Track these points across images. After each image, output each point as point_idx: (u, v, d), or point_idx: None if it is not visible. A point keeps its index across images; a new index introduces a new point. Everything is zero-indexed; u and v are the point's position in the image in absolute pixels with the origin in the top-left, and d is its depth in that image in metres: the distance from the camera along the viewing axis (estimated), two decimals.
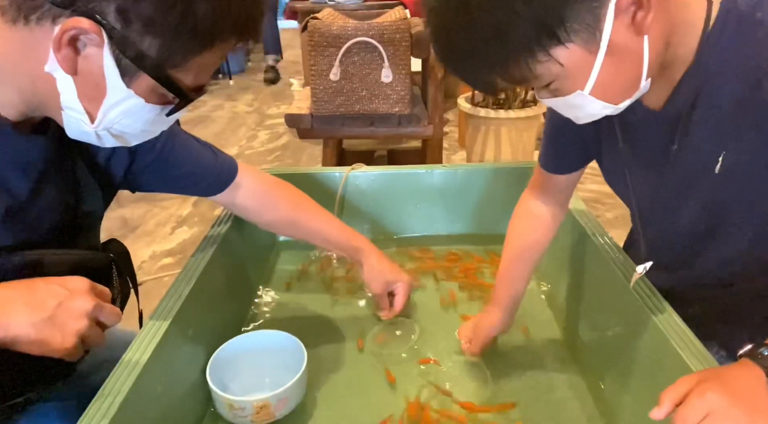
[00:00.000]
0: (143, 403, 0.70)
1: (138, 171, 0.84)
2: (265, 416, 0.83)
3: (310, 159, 3.43)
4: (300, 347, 0.90)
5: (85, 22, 0.55)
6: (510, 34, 0.55)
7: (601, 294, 0.95)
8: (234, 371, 0.90)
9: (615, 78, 0.59)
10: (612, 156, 0.81)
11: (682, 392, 0.53)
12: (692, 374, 0.55)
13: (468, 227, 1.35)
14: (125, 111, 0.62)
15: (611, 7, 0.54)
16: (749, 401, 0.51)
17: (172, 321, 0.80)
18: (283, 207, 1.04)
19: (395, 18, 1.92)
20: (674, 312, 0.77)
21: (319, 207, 1.07)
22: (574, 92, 0.60)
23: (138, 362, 0.71)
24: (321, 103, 1.93)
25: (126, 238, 2.59)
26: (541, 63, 0.57)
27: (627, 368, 0.83)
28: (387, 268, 1.06)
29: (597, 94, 0.59)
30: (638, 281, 0.83)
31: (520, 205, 1.00)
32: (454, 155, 3.36)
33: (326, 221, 1.07)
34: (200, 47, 0.60)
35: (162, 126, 0.68)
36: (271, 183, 1.03)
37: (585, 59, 0.56)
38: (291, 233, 1.12)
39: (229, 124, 4.24)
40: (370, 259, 1.06)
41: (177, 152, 0.88)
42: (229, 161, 0.98)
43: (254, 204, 1.00)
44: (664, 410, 0.53)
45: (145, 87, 0.60)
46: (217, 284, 0.99)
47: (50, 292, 0.61)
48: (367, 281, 1.07)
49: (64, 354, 0.61)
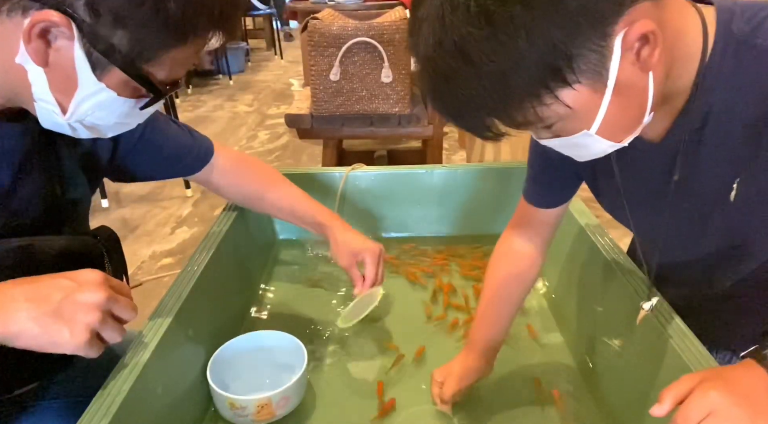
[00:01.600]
0: (143, 403, 0.70)
1: (122, 157, 0.86)
2: (266, 415, 0.83)
3: (310, 159, 3.43)
4: (300, 347, 0.90)
5: (55, 14, 0.54)
6: (515, 78, 0.51)
7: (601, 294, 0.95)
8: (234, 371, 0.90)
9: (621, 116, 0.56)
10: (608, 188, 0.78)
11: (684, 390, 0.53)
12: (695, 373, 0.55)
13: (468, 228, 1.35)
14: (97, 104, 0.61)
15: (618, 44, 0.51)
16: (752, 402, 0.51)
17: (172, 321, 0.80)
18: (251, 183, 1.06)
19: (395, 18, 1.92)
20: (674, 312, 0.77)
21: (288, 183, 1.09)
22: (579, 132, 0.57)
23: (138, 362, 0.71)
24: (321, 103, 1.92)
25: (126, 238, 2.59)
26: (547, 106, 0.53)
27: (627, 367, 0.83)
28: (351, 239, 1.03)
29: (603, 134, 0.57)
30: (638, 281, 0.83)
31: (501, 243, 0.93)
32: (454, 155, 3.36)
33: (293, 196, 1.07)
34: (173, 42, 0.59)
35: (138, 119, 0.68)
36: (240, 160, 1.05)
37: (592, 99, 0.54)
38: (260, 208, 1.12)
39: (229, 124, 4.24)
40: (335, 233, 1.04)
41: (158, 135, 0.89)
42: (206, 141, 1.00)
43: (226, 181, 1.04)
44: (665, 408, 0.53)
45: (117, 80, 0.60)
46: (218, 283, 0.99)
47: (55, 285, 0.60)
48: (334, 255, 1.04)
49: (76, 349, 0.59)
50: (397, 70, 1.86)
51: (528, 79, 0.51)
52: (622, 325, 0.85)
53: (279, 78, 5.72)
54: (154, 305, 0.83)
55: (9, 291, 0.59)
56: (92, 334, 0.60)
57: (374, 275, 1.00)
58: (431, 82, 0.55)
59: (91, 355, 0.61)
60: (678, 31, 0.58)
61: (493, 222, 1.30)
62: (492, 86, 0.52)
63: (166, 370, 0.77)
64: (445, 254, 1.29)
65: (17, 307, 0.58)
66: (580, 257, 1.04)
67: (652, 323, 0.76)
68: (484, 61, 0.50)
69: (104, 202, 2.87)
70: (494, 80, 0.51)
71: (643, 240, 0.81)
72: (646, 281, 0.80)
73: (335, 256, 1.04)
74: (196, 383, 0.87)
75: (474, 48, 0.50)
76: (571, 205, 1.03)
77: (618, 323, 0.87)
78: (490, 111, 0.55)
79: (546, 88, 0.52)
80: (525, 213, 0.89)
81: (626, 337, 0.84)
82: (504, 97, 0.53)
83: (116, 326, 0.62)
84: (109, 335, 0.62)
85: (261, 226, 1.30)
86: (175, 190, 3.05)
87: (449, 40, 0.50)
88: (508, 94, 0.52)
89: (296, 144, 3.65)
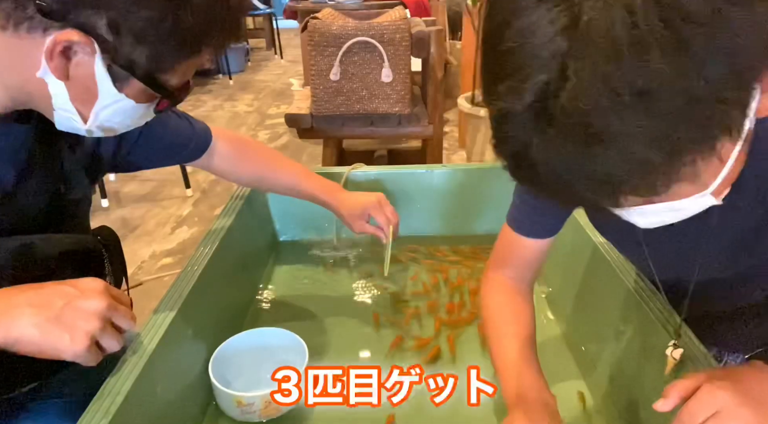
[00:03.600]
0: (143, 403, 0.70)
1: (125, 152, 0.86)
2: (273, 410, 0.83)
3: (310, 159, 3.43)
4: (301, 343, 0.90)
5: (77, 34, 0.55)
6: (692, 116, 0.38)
7: (601, 295, 0.95)
8: (235, 369, 0.90)
9: (732, 169, 0.47)
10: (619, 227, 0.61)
11: (691, 386, 0.52)
12: (701, 373, 0.54)
13: (468, 228, 1.35)
14: (116, 111, 0.64)
15: (758, 96, 0.41)
16: (759, 402, 0.51)
17: (172, 321, 0.80)
18: (252, 165, 1.10)
19: (395, 18, 1.92)
20: (675, 313, 0.77)
21: (289, 162, 1.13)
22: (695, 194, 0.47)
23: (138, 361, 0.71)
24: (321, 103, 1.93)
25: (126, 238, 2.59)
26: (701, 161, 0.41)
27: (626, 366, 0.83)
28: (352, 205, 1.10)
29: (716, 192, 0.47)
30: (638, 281, 0.83)
31: (490, 291, 0.83)
32: (454, 155, 3.36)
33: (294, 174, 1.12)
34: (188, 53, 0.62)
35: (148, 117, 0.70)
36: (240, 144, 1.07)
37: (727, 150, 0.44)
38: (265, 189, 1.20)
39: (229, 124, 4.24)
40: (338, 208, 1.11)
41: (158, 126, 0.89)
42: (205, 128, 1.01)
43: (228, 166, 1.06)
44: (671, 403, 0.53)
45: (136, 90, 0.62)
46: (218, 283, 0.99)
47: (58, 292, 0.60)
48: (348, 226, 1.12)
49: (75, 356, 0.60)
50: (397, 70, 1.86)
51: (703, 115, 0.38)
52: (624, 326, 0.85)
53: (279, 78, 5.72)
54: (154, 305, 0.83)
55: (12, 297, 0.60)
56: (92, 341, 0.60)
57: (387, 221, 1.09)
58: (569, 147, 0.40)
59: (90, 362, 0.62)
60: None
61: (493, 222, 1.30)
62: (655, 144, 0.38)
63: (166, 370, 0.77)
64: (445, 253, 1.29)
65: (20, 312, 0.59)
66: (580, 257, 1.04)
67: (654, 325, 0.76)
68: (661, 99, 0.37)
69: (104, 202, 2.87)
70: (670, 118, 0.38)
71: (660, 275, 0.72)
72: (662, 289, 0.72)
73: (349, 227, 1.12)
74: (196, 383, 0.87)
75: (649, 84, 0.36)
76: None
77: (619, 324, 0.87)
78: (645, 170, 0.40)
79: (714, 138, 0.40)
80: (512, 246, 0.81)
81: (628, 338, 0.84)
82: (668, 154, 0.39)
83: (115, 335, 0.63)
84: (108, 343, 0.63)
85: (261, 225, 1.30)
86: (175, 190, 3.05)
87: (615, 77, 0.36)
88: (674, 150, 0.39)
89: (296, 144, 3.65)
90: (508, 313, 0.81)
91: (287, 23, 5.91)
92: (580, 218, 1.06)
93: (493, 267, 0.85)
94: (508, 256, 0.83)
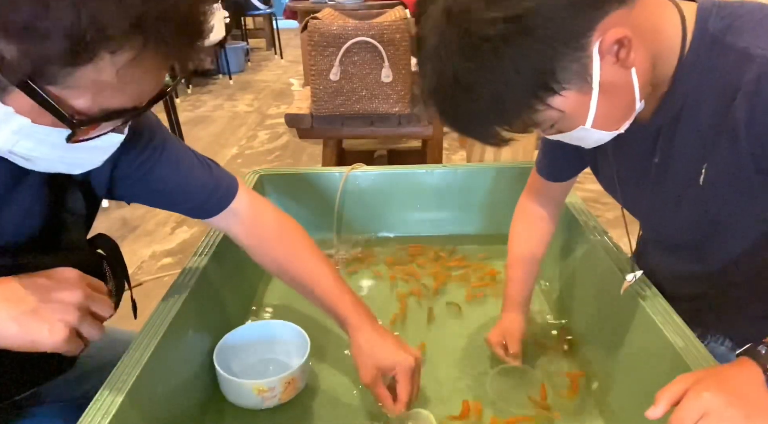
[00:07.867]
0: (144, 402, 0.70)
1: (118, 181, 0.77)
2: (292, 391, 0.86)
3: (310, 159, 3.43)
4: (302, 335, 0.91)
5: None
6: (508, 96, 0.59)
7: (599, 292, 0.96)
8: (238, 360, 0.92)
9: (612, 109, 0.63)
10: (604, 167, 0.85)
11: (679, 391, 0.53)
12: (689, 373, 0.55)
13: (468, 227, 1.35)
14: (16, 131, 0.53)
15: (595, 53, 0.58)
16: (746, 401, 0.51)
17: (172, 321, 0.80)
18: (276, 257, 0.91)
19: (395, 18, 1.91)
20: (673, 311, 0.78)
21: (317, 259, 0.91)
22: (577, 128, 0.64)
23: (138, 361, 0.72)
24: (321, 103, 1.92)
25: (126, 238, 2.59)
26: (540, 112, 0.61)
27: (625, 365, 0.84)
28: (378, 350, 0.82)
29: (598, 126, 0.64)
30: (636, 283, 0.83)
31: (519, 209, 1.04)
32: (454, 155, 3.36)
33: (316, 277, 0.89)
34: (74, 58, 0.47)
35: (96, 154, 0.60)
36: (270, 224, 0.90)
37: (581, 101, 0.61)
38: (277, 276, 0.96)
39: (229, 124, 4.24)
40: (357, 337, 0.83)
41: (163, 166, 0.78)
42: (227, 183, 0.85)
43: (248, 242, 0.90)
44: (660, 410, 0.54)
45: (24, 104, 0.50)
46: (218, 283, 0.99)
47: (33, 285, 0.59)
48: (355, 365, 0.84)
49: (55, 347, 0.59)
50: (397, 70, 1.86)
51: (519, 95, 0.59)
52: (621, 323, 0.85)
53: (279, 78, 5.72)
54: (154, 305, 0.83)
55: None
56: (71, 331, 0.59)
57: (407, 394, 0.81)
58: (439, 107, 0.64)
59: (71, 352, 0.61)
60: (656, 29, 0.64)
61: (494, 222, 1.30)
62: (489, 106, 0.60)
63: (166, 370, 0.77)
64: (445, 253, 1.29)
65: None
66: (578, 255, 1.04)
67: (651, 322, 0.76)
68: (478, 87, 0.59)
69: (104, 202, 2.86)
70: (491, 101, 0.60)
71: (634, 216, 0.87)
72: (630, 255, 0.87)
73: (355, 365, 0.84)
74: (196, 383, 0.87)
75: (468, 78, 0.59)
76: (569, 204, 1.04)
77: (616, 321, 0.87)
78: (492, 124, 0.63)
79: (537, 99, 0.60)
80: (536, 183, 1.01)
81: (625, 335, 0.84)
82: (502, 112, 0.62)
83: (95, 323, 0.62)
84: (88, 331, 0.61)
85: None
86: None
87: (448, 73, 0.59)
88: (504, 109, 0.61)
89: (296, 144, 3.65)
90: (523, 230, 1.02)
91: (287, 23, 5.91)
92: (579, 217, 1.06)
93: (524, 194, 1.05)
94: (534, 188, 1.02)
